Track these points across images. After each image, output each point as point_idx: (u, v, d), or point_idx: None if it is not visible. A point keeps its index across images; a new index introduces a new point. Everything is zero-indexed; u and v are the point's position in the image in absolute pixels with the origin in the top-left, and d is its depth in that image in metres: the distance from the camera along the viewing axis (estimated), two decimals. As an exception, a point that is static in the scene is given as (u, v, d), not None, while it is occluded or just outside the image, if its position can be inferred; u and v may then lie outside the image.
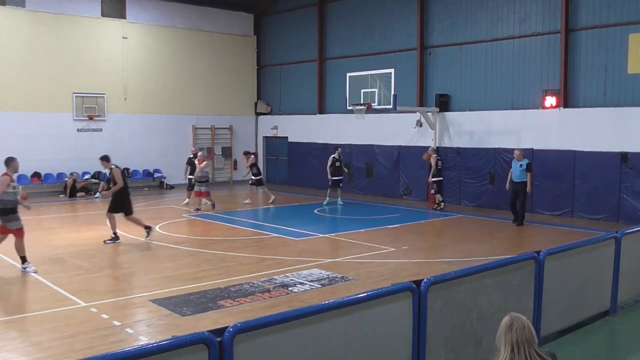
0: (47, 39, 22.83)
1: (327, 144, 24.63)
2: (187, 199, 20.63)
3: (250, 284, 9.93)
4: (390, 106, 19.00)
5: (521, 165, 15.88)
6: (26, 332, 7.83)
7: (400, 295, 5.19)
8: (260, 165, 29.02)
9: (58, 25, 23.06)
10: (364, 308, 4.90)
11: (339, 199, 20.18)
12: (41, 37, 22.70)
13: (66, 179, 22.74)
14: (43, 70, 22.68)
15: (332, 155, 19.94)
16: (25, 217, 17.73)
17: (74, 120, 23.52)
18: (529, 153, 18.36)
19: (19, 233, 10.96)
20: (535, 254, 6.74)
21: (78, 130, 23.64)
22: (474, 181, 19.78)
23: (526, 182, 15.79)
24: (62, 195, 22.41)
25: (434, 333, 5.42)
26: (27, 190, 21.84)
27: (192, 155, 20.61)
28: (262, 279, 10.26)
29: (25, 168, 22.11)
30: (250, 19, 28.55)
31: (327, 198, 20.01)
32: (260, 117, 28.75)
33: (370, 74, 19.79)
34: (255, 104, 28.72)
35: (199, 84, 26.83)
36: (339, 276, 10.55)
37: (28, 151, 22.14)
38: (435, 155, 19.25)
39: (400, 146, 22.01)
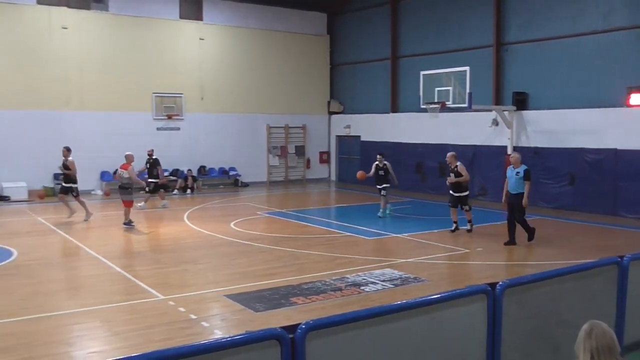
0: (129, 41, 23.72)
1: (400, 143, 24.46)
2: (143, 202, 19.45)
3: (323, 282, 9.99)
4: (465, 105, 18.66)
5: (517, 172, 12.99)
6: (108, 322, 8.16)
7: (474, 298, 5.09)
8: (333, 164, 29.22)
9: (139, 27, 23.91)
10: (436, 310, 4.83)
11: (382, 209, 17.67)
12: (123, 40, 23.61)
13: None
14: (125, 71, 23.58)
15: (375, 163, 17.95)
16: (108, 212, 18.53)
17: (154, 119, 24.34)
18: (612, 153, 17.63)
19: None
20: (619, 259, 6.46)
21: (157, 129, 24.45)
22: (552, 182, 19.16)
23: (523, 193, 12.87)
24: (142, 192, 23.16)
25: (508, 338, 5.29)
26: (110, 187, 22.83)
27: (149, 156, 19.73)
28: (334, 278, 10.29)
29: (108, 165, 23.11)
30: (323, 19, 28.70)
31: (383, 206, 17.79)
32: (333, 116, 28.85)
33: (445, 72, 19.50)
34: (328, 103, 28.84)
35: (273, 83, 27.19)
36: (412, 277, 10.46)
37: (110, 149, 23.07)
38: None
39: (475, 145, 21.58)
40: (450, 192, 15.04)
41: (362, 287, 9.72)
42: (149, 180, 19.35)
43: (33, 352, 6.98)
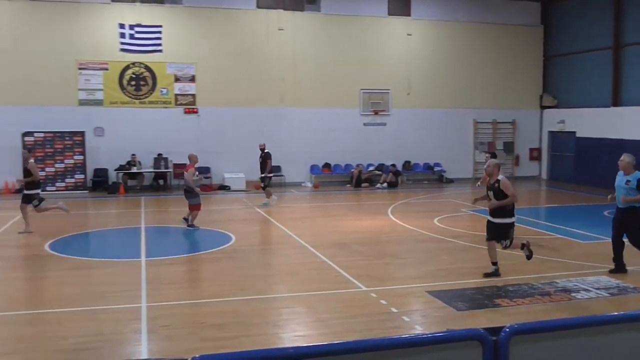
0: (338, 39, 24.60)
1: (623, 139, 22.39)
2: (267, 199, 18.46)
3: (529, 285, 9.51)
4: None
5: (628, 181, 10.29)
6: (313, 308, 8.55)
7: None
8: (544, 161, 27.65)
9: (348, 26, 24.69)
10: (660, 325, 4.34)
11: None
12: (333, 38, 24.56)
13: (352, 170, 24.32)
14: (334, 68, 24.51)
15: (488, 160, 14.50)
16: (316, 203, 19.44)
17: (361, 115, 25.01)
18: None
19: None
20: None
21: (364, 124, 25.09)
22: None
23: (635, 207, 10.15)
24: (348, 185, 24.02)
25: None
26: (319, 180, 23.94)
27: (261, 150, 18.53)
28: (542, 281, 9.74)
29: (318, 159, 24.27)
30: (537, 8, 27.22)
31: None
32: (546, 111, 27.29)
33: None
34: (541, 96, 27.34)
35: (481, 77, 26.44)
36: (631, 286, 9.53)
37: (320, 144, 24.21)
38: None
39: None
40: (489, 218, 10.39)
41: (573, 294, 9.08)
42: (261, 175, 18.64)
43: (247, 331, 7.55)
